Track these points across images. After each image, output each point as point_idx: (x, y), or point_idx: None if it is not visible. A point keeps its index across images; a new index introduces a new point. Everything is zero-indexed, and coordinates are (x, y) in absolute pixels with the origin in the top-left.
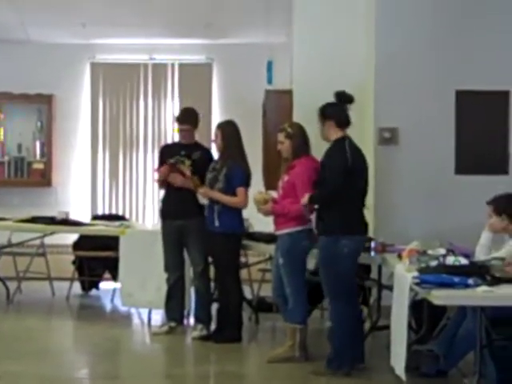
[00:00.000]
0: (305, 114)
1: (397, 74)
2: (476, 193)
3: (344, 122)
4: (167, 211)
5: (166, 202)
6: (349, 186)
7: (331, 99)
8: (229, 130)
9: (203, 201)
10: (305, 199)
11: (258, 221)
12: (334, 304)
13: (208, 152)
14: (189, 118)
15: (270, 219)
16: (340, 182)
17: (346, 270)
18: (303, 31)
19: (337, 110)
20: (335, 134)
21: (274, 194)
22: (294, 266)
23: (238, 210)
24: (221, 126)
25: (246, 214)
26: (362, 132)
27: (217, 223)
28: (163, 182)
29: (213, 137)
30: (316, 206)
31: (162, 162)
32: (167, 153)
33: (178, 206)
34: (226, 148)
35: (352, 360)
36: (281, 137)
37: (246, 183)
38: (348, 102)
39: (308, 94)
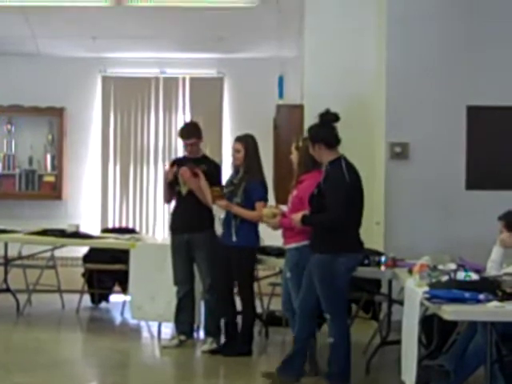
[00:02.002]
0: None
1: (408, 89)
2: (487, 208)
3: (333, 143)
4: (176, 224)
5: (174, 215)
6: (348, 207)
7: (341, 114)
8: (251, 143)
9: (219, 214)
10: (297, 219)
11: (269, 235)
12: (335, 320)
13: (216, 166)
14: (193, 131)
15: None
16: (343, 214)
17: (343, 287)
18: (314, 46)
19: (324, 132)
20: (328, 155)
21: (284, 208)
22: (301, 280)
23: (254, 224)
24: (243, 140)
25: None
26: (373, 146)
27: (234, 238)
28: (169, 187)
29: (230, 150)
30: None
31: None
32: (177, 167)
33: (186, 220)
34: (246, 162)
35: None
36: (292, 147)
37: (265, 198)
38: (333, 120)
39: (319, 108)
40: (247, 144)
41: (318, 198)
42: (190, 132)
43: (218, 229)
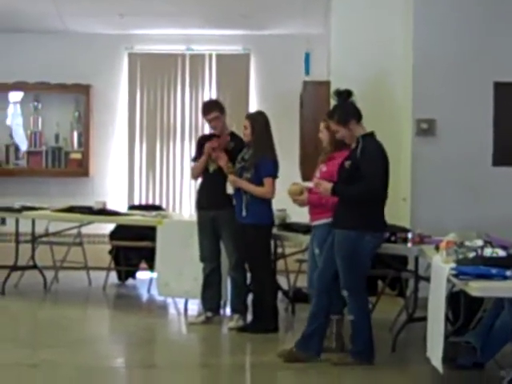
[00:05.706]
0: None
1: (435, 66)
2: None
3: (361, 116)
4: (201, 201)
5: (201, 192)
6: (385, 180)
7: (368, 90)
8: (259, 120)
9: (230, 190)
10: (327, 187)
11: (295, 212)
12: (354, 297)
13: (243, 143)
14: (211, 106)
15: (307, 210)
16: (381, 185)
17: (366, 265)
18: (341, 23)
19: (351, 108)
20: (360, 130)
21: (309, 184)
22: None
23: (266, 200)
24: (250, 117)
25: (283, 204)
26: (400, 123)
27: (244, 213)
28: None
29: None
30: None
31: (199, 151)
32: (205, 143)
33: (211, 197)
34: (255, 138)
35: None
36: (321, 125)
37: (274, 174)
38: (349, 96)
39: (345, 85)
40: (254, 121)
41: (351, 171)
42: (209, 107)
43: None
